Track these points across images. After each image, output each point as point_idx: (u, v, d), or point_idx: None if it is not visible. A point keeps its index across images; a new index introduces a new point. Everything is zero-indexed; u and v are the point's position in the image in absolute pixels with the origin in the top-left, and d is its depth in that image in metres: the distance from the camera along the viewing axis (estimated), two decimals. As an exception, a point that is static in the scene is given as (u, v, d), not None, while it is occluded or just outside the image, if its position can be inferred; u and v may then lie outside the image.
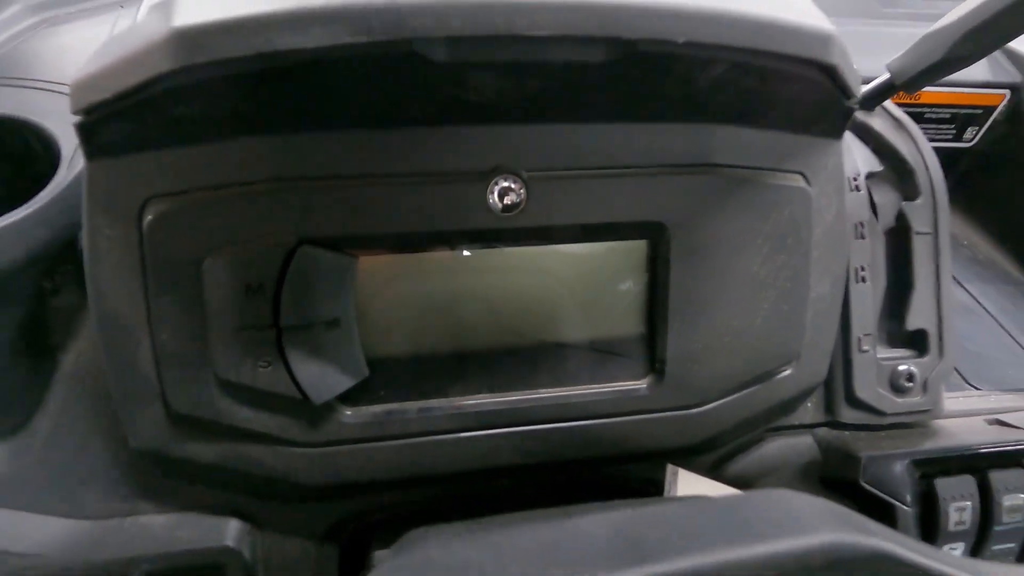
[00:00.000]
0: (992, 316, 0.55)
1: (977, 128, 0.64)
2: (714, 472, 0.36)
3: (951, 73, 0.38)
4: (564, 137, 0.29)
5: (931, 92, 0.62)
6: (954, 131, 0.64)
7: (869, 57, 0.39)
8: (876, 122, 0.40)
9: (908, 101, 0.62)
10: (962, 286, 0.58)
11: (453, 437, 0.31)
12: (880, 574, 0.14)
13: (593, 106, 0.28)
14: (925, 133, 0.65)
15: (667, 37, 0.22)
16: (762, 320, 0.32)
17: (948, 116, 0.63)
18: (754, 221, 0.31)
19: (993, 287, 0.59)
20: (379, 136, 0.27)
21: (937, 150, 0.66)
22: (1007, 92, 0.62)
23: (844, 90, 0.28)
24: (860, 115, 0.40)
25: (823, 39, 0.24)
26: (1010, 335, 0.54)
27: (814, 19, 0.25)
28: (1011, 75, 0.62)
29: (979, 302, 0.57)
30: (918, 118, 0.63)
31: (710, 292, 0.31)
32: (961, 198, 0.69)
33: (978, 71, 0.62)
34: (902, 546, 0.15)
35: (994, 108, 0.63)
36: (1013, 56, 0.63)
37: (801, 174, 0.32)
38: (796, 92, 0.28)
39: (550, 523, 0.16)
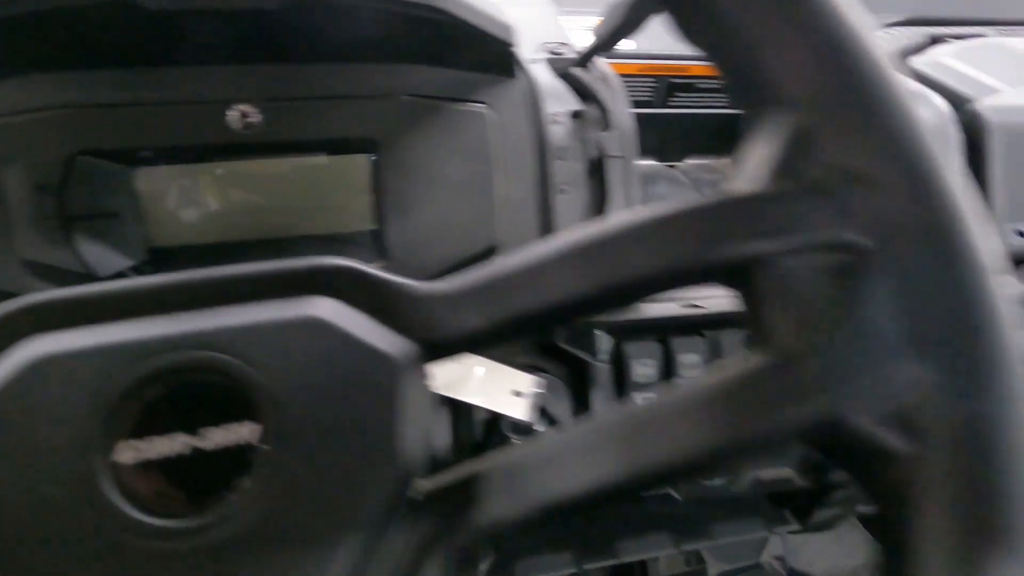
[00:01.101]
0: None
1: (744, 96, 0.76)
2: (454, 344, 0.46)
3: (629, 34, 0.49)
4: (291, 73, 0.39)
5: (703, 66, 0.75)
6: (727, 99, 0.76)
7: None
8: (587, 76, 0.51)
9: (683, 73, 0.74)
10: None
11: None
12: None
13: (309, 49, 0.38)
14: (700, 100, 0.77)
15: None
16: (462, 215, 0.42)
17: (719, 87, 0.75)
18: (448, 139, 0.42)
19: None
20: (139, 72, 0.37)
21: (716, 116, 0.79)
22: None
23: (492, 38, 0.39)
24: (576, 71, 0.52)
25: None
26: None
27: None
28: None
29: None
30: (692, 88, 0.76)
31: (419, 193, 0.42)
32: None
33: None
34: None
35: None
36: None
37: (485, 103, 0.42)
38: (456, 39, 0.39)
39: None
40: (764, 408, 0.18)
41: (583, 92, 0.51)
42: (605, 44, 0.50)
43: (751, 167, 0.21)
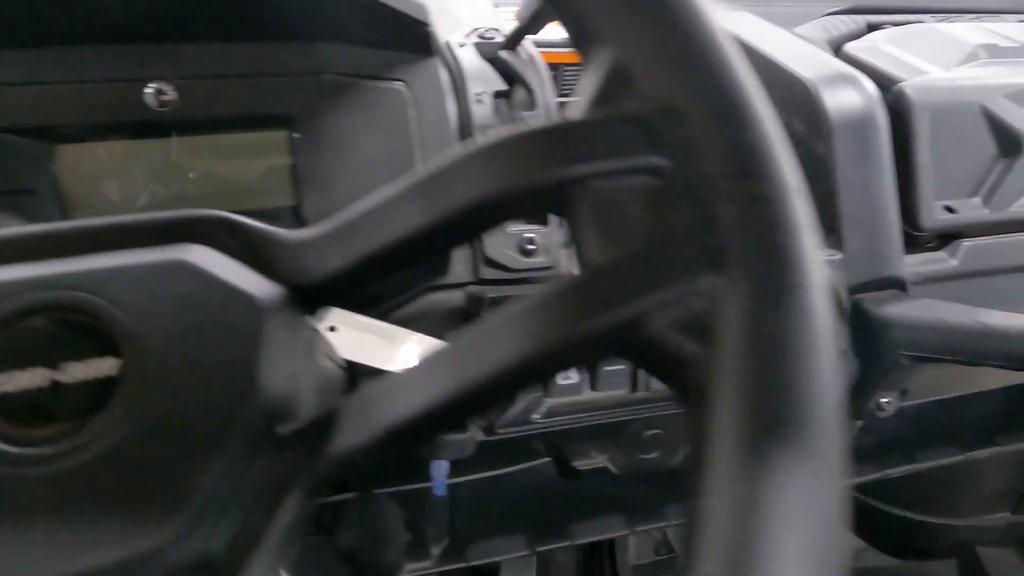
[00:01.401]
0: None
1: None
2: (383, 317, 0.47)
3: (550, 16, 0.51)
4: (206, 51, 0.40)
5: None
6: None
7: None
8: (514, 59, 0.53)
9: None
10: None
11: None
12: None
13: (224, 27, 0.39)
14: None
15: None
16: (379, 188, 0.43)
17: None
18: (366, 116, 0.43)
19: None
20: (54, 52, 0.38)
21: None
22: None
23: (406, 17, 0.40)
24: (503, 54, 0.53)
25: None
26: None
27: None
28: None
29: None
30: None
31: (337, 168, 0.43)
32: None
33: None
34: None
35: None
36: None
37: (402, 81, 0.43)
38: (370, 17, 0.40)
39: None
40: (570, 318, 0.19)
41: (510, 74, 0.53)
42: (529, 27, 0.51)
43: (578, 99, 0.22)
